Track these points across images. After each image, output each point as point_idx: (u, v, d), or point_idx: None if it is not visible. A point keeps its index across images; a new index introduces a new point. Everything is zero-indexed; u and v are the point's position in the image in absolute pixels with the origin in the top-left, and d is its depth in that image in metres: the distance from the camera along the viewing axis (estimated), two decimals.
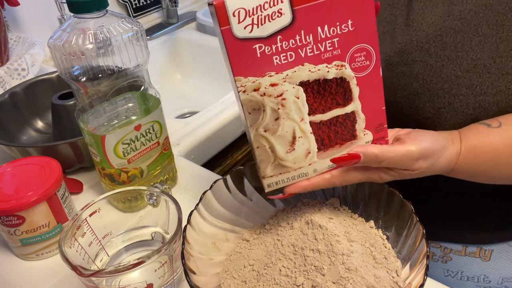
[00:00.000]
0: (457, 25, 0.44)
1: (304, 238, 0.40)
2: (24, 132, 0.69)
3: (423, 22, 0.47)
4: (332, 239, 0.39)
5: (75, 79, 0.45)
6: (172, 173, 0.57)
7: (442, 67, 0.45)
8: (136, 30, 0.46)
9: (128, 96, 0.49)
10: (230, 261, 0.43)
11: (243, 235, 0.45)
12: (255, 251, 0.43)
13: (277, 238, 0.42)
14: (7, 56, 0.81)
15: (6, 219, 0.45)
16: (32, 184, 0.46)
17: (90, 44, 0.43)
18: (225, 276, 0.42)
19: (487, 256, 0.57)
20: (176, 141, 0.68)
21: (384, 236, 0.43)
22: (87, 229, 0.42)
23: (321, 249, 0.38)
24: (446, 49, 0.45)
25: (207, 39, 1.11)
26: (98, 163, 0.50)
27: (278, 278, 0.38)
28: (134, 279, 0.38)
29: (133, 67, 0.47)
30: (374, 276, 0.37)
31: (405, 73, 0.48)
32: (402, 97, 0.49)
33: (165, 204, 0.43)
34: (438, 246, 0.59)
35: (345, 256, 0.37)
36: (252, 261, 0.42)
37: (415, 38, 0.47)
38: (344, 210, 0.46)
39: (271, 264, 0.40)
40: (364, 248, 0.40)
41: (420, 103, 0.48)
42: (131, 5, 1.15)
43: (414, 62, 0.47)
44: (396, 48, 0.49)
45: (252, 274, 0.41)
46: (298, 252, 0.39)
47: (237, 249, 0.44)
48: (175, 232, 0.39)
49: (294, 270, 0.38)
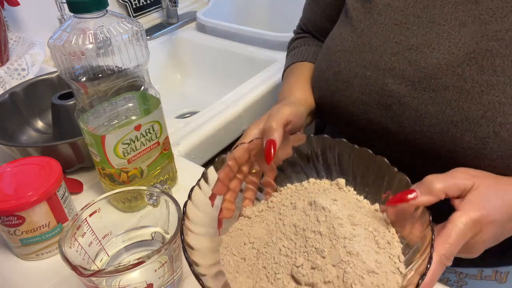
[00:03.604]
0: (494, 47, 0.41)
1: (307, 219, 0.39)
2: (24, 132, 0.69)
3: (450, 44, 0.44)
4: (335, 222, 0.38)
5: (75, 79, 0.45)
6: (172, 173, 0.57)
7: (482, 93, 0.41)
8: (136, 30, 0.46)
9: (128, 96, 0.49)
10: (230, 238, 0.43)
11: (245, 212, 0.45)
12: (256, 228, 0.43)
13: (279, 217, 0.42)
14: (7, 56, 0.81)
15: (6, 219, 0.45)
16: (32, 184, 0.46)
17: (90, 44, 0.43)
18: (224, 252, 0.41)
19: (503, 278, 0.55)
20: (176, 141, 0.68)
21: (388, 220, 0.42)
22: (87, 229, 0.42)
23: (323, 231, 0.38)
24: (484, 73, 0.41)
25: (207, 39, 1.11)
26: (98, 163, 0.50)
27: (278, 257, 0.38)
28: (134, 279, 0.38)
29: (133, 67, 0.47)
30: (376, 261, 0.37)
31: (434, 99, 0.44)
32: (432, 126, 0.44)
33: (165, 204, 0.43)
34: (454, 271, 0.57)
35: (347, 239, 0.37)
36: (252, 239, 0.42)
37: (444, 61, 0.43)
38: (350, 192, 0.45)
39: (272, 243, 0.40)
40: (367, 232, 0.39)
41: (457, 133, 0.43)
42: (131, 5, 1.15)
43: (445, 87, 0.43)
44: (420, 72, 0.45)
45: (252, 252, 0.40)
46: (299, 232, 0.39)
47: (238, 226, 0.44)
48: (175, 232, 0.39)
49: (295, 250, 0.38)
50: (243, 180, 0.46)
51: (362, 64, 0.49)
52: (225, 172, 0.43)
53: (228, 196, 0.44)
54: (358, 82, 0.49)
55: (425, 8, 0.46)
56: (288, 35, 0.97)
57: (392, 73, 0.47)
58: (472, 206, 0.36)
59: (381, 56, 0.48)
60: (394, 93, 0.46)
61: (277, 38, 0.99)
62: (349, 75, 0.50)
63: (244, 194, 0.46)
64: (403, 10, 0.48)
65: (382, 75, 0.47)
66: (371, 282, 0.35)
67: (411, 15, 0.47)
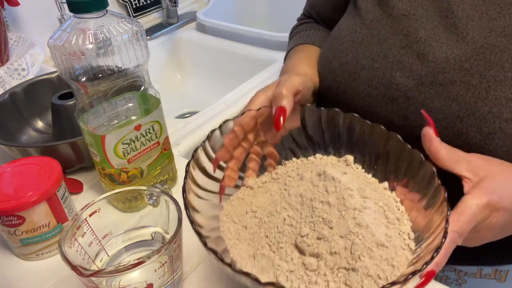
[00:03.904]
0: (502, 42, 0.41)
1: (314, 190, 0.38)
2: (24, 132, 0.69)
3: (459, 38, 0.43)
4: (345, 192, 0.37)
5: (75, 79, 0.45)
6: (172, 173, 0.57)
7: (489, 88, 0.41)
8: (136, 30, 0.46)
9: (128, 96, 0.49)
10: (231, 206, 0.41)
11: (247, 182, 0.43)
12: (259, 198, 0.41)
13: (284, 188, 0.40)
14: (7, 56, 0.81)
15: (6, 219, 0.45)
16: (32, 184, 0.46)
17: (90, 44, 0.43)
18: (224, 219, 0.40)
19: (502, 277, 0.55)
20: (176, 141, 0.68)
21: (398, 199, 0.40)
22: (87, 229, 0.42)
23: (331, 201, 0.36)
24: (491, 69, 0.41)
25: (207, 39, 1.11)
26: (98, 163, 0.50)
27: (282, 226, 0.37)
28: (134, 279, 0.38)
29: (133, 67, 0.47)
30: (386, 235, 0.35)
31: (441, 94, 0.44)
32: (438, 120, 0.44)
33: (165, 204, 0.43)
34: (453, 269, 0.57)
35: (356, 211, 0.35)
36: (255, 208, 0.40)
37: (451, 56, 0.43)
38: (358, 169, 0.44)
39: (275, 212, 0.38)
40: (377, 206, 0.38)
41: (464, 128, 0.43)
42: (131, 5, 1.15)
43: (452, 82, 0.43)
44: (428, 66, 0.44)
45: (254, 220, 0.39)
46: (306, 203, 0.37)
47: (240, 195, 0.42)
48: (175, 232, 0.39)
49: (300, 220, 0.36)
50: (248, 149, 0.45)
51: (370, 56, 0.48)
52: (230, 138, 0.42)
53: (231, 164, 0.43)
54: (365, 74, 0.49)
55: (434, 0, 0.46)
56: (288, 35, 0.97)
57: (400, 66, 0.46)
58: (485, 190, 0.36)
59: (390, 48, 0.47)
60: (401, 86, 0.46)
61: (277, 38, 0.99)
62: (356, 67, 0.49)
63: (248, 164, 0.45)
64: (411, 2, 0.47)
65: (390, 68, 0.47)
66: (380, 255, 0.34)
67: (419, 7, 0.47)
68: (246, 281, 0.31)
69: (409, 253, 0.36)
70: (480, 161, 0.38)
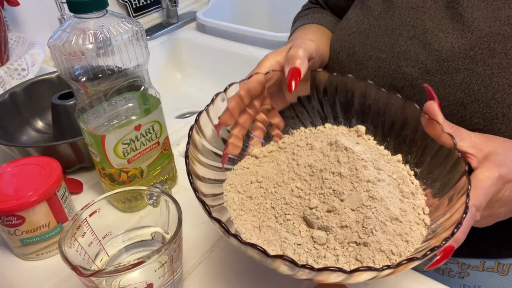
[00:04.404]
0: (506, 31, 0.42)
1: (325, 160, 0.36)
2: (24, 132, 0.69)
3: (464, 27, 0.44)
4: (358, 163, 0.35)
5: (75, 79, 0.45)
6: (172, 173, 0.57)
7: (492, 75, 0.42)
8: (136, 30, 0.46)
9: (128, 96, 0.49)
10: (235, 175, 0.39)
11: (252, 151, 0.41)
12: (265, 168, 0.39)
13: (292, 158, 0.38)
14: (7, 56, 0.81)
15: (6, 219, 0.45)
16: (32, 184, 0.46)
17: (90, 44, 0.43)
18: (228, 188, 0.38)
19: (505, 271, 0.56)
20: (176, 141, 0.68)
21: (412, 172, 0.39)
22: (87, 229, 0.42)
23: (343, 172, 0.34)
24: (495, 56, 0.42)
25: (207, 39, 1.11)
26: (98, 163, 0.50)
27: (289, 198, 0.35)
28: (134, 279, 0.38)
29: (133, 67, 0.47)
30: (400, 209, 0.34)
31: (445, 81, 0.44)
32: (442, 108, 0.44)
33: (165, 204, 0.43)
34: (456, 262, 0.58)
35: (370, 183, 0.34)
36: (260, 178, 0.38)
37: (457, 45, 0.44)
38: (370, 140, 0.42)
39: (283, 183, 0.36)
40: (392, 179, 0.36)
41: (467, 114, 0.44)
42: (131, 5, 1.15)
43: (457, 70, 0.44)
44: (434, 55, 0.45)
45: (259, 191, 0.37)
46: (315, 173, 0.35)
47: (244, 164, 0.40)
48: (175, 232, 0.39)
49: (309, 192, 0.34)
50: (254, 116, 0.43)
51: (377, 46, 0.49)
52: (235, 102, 0.40)
53: (235, 131, 0.42)
54: (372, 64, 0.49)
55: None
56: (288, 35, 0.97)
57: (406, 56, 0.47)
58: (493, 163, 0.36)
59: (397, 39, 0.48)
60: (407, 75, 0.47)
61: (277, 38, 0.99)
62: (364, 57, 0.50)
63: (252, 132, 0.43)
64: None
65: (397, 58, 0.48)
66: (394, 230, 0.32)
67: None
68: (252, 253, 0.29)
69: (424, 229, 0.34)
70: (482, 137, 0.38)
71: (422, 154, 0.38)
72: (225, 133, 0.42)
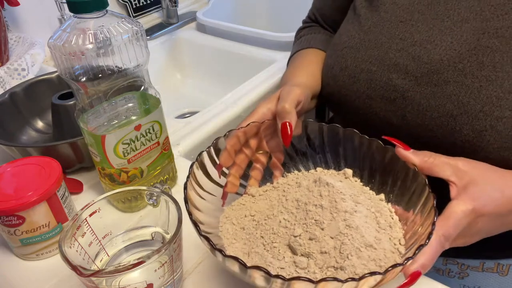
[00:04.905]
0: (495, 44, 0.42)
1: (309, 195, 0.40)
2: (24, 132, 0.69)
3: (453, 40, 0.44)
4: (337, 196, 0.39)
5: (75, 79, 0.45)
6: (172, 173, 0.57)
7: (481, 88, 0.43)
8: (136, 30, 0.46)
9: (128, 96, 0.49)
10: (232, 210, 0.44)
11: (249, 190, 0.46)
12: (259, 204, 0.44)
13: (283, 194, 0.43)
14: (7, 56, 0.81)
15: (6, 219, 0.45)
16: (32, 184, 0.46)
17: (90, 44, 0.43)
18: (224, 220, 0.43)
19: (504, 271, 0.56)
20: (176, 141, 0.68)
21: (392, 209, 0.42)
22: (87, 229, 0.42)
23: (324, 204, 0.38)
24: (483, 69, 0.43)
25: (207, 39, 1.11)
26: (98, 163, 0.50)
27: (277, 228, 0.39)
28: (134, 279, 0.38)
29: (133, 67, 0.47)
30: (375, 237, 0.37)
31: (436, 94, 0.45)
32: (433, 119, 0.46)
33: (165, 204, 0.43)
34: (455, 263, 0.58)
35: (347, 213, 0.37)
36: (254, 212, 0.43)
37: (446, 57, 0.45)
38: (356, 182, 0.46)
39: (272, 216, 0.40)
40: (370, 212, 0.40)
41: (457, 126, 0.44)
42: (131, 5, 1.15)
43: (446, 82, 0.45)
44: (423, 68, 0.46)
45: (252, 223, 0.41)
46: (301, 206, 0.39)
47: (241, 201, 0.45)
48: (175, 232, 0.39)
49: (294, 222, 0.38)
50: (250, 157, 0.47)
51: (368, 60, 0.50)
52: (232, 142, 0.45)
53: (233, 170, 0.46)
54: (364, 77, 0.51)
55: (429, 4, 0.48)
56: (288, 35, 0.97)
57: (396, 68, 0.48)
58: (470, 196, 0.37)
59: (387, 52, 0.49)
60: (398, 87, 0.48)
61: (277, 38, 0.99)
62: (356, 70, 0.51)
63: (250, 173, 0.47)
64: (408, 8, 0.49)
65: (387, 70, 0.49)
66: (368, 255, 0.35)
67: (415, 12, 0.48)
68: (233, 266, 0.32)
69: (398, 257, 0.37)
70: (464, 165, 0.40)
71: (401, 193, 0.42)
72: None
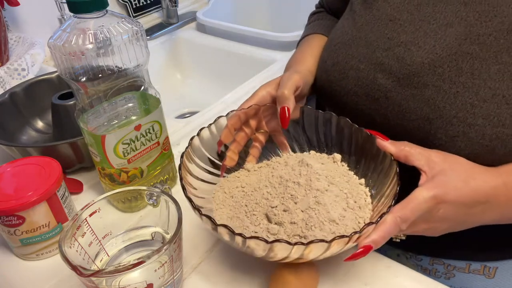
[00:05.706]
0: (475, 50, 0.42)
1: (292, 173, 0.46)
2: (24, 132, 0.69)
3: (435, 44, 0.45)
4: (313, 176, 0.44)
5: (75, 79, 0.45)
6: (172, 173, 0.57)
7: (457, 94, 0.43)
8: (136, 30, 0.46)
9: (128, 96, 0.49)
10: (227, 181, 0.50)
11: (246, 165, 0.51)
12: (251, 178, 0.50)
13: (271, 171, 0.49)
14: (7, 56, 0.81)
15: (6, 219, 0.45)
16: (32, 184, 0.46)
17: (90, 44, 0.43)
18: (218, 189, 0.48)
19: (491, 274, 0.56)
20: (176, 141, 0.68)
21: (369, 193, 0.46)
22: (87, 229, 0.42)
23: (301, 182, 0.44)
24: (462, 75, 0.43)
25: (207, 39, 1.11)
26: (98, 163, 0.50)
27: (260, 199, 0.45)
28: (134, 279, 0.38)
29: (133, 67, 0.47)
30: (340, 214, 0.42)
31: (415, 96, 0.46)
32: (411, 121, 0.46)
33: (165, 204, 0.43)
34: (442, 263, 0.58)
35: (319, 191, 0.43)
36: (245, 184, 0.48)
37: (427, 60, 0.45)
38: (343, 166, 0.50)
39: (258, 188, 0.46)
40: (342, 192, 0.44)
41: (432, 129, 0.45)
42: (131, 5, 1.15)
43: (425, 86, 0.45)
44: (405, 69, 0.46)
45: (241, 193, 0.47)
46: (283, 182, 0.45)
47: (237, 174, 0.51)
48: (175, 232, 0.39)
49: (274, 195, 0.44)
50: (249, 135, 0.51)
51: (358, 57, 0.51)
52: (233, 121, 0.49)
53: (233, 146, 0.50)
54: (353, 74, 0.51)
55: (419, 5, 0.48)
56: (288, 35, 0.97)
57: (382, 67, 0.48)
58: (434, 184, 0.39)
59: (374, 51, 0.49)
60: (382, 87, 0.48)
61: (277, 38, 0.99)
62: (345, 67, 0.52)
63: (249, 150, 0.52)
64: (399, 7, 0.49)
65: (373, 69, 0.49)
66: (330, 229, 0.40)
67: (405, 11, 0.48)
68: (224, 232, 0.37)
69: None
70: (436, 156, 0.41)
71: (380, 180, 0.46)
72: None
